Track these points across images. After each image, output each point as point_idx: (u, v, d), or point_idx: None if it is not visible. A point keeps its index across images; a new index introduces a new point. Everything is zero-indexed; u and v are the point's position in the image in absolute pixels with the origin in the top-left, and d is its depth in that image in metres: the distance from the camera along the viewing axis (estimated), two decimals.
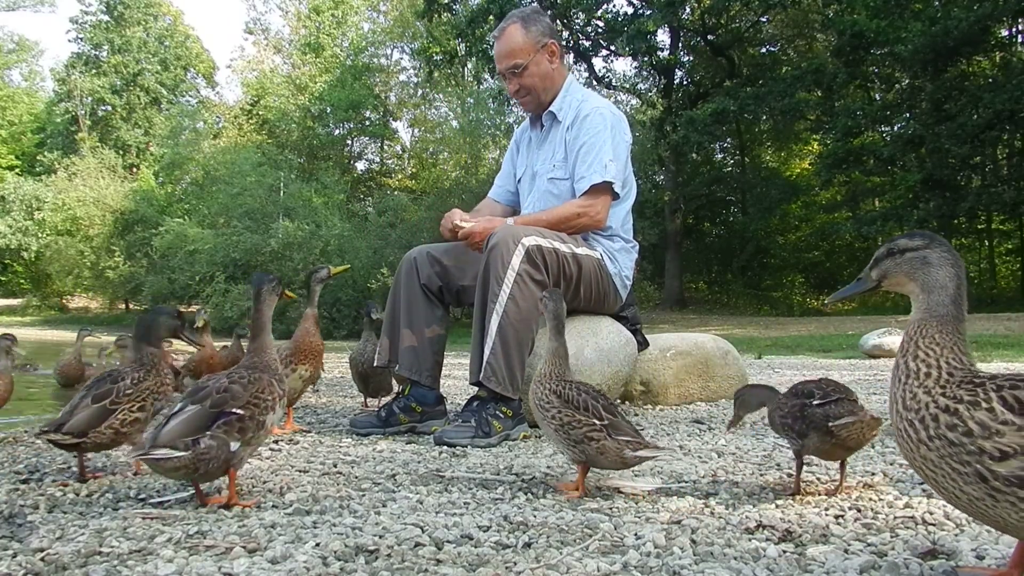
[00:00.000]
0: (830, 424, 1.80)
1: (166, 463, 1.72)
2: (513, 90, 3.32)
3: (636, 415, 3.55)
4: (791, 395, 1.98)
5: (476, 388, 2.96)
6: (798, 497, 1.88)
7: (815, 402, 1.87)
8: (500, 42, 3.26)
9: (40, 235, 35.38)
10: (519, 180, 3.57)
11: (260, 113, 37.94)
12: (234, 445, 1.79)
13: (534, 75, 3.26)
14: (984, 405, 1.13)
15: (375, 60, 39.51)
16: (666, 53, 26.19)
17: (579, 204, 3.15)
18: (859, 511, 1.73)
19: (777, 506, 1.81)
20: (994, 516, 1.14)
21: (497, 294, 2.85)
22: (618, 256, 3.37)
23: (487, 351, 2.86)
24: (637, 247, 3.52)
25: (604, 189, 3.15)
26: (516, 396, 2.93)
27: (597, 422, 1.90)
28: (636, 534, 1.55)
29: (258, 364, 1.97)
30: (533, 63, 3.23)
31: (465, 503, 1.88)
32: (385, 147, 41.31)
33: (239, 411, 1.81)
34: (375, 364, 3.49)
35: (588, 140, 3.17)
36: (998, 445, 1.10)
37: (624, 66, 36.30)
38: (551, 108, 3.34)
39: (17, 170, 43.81)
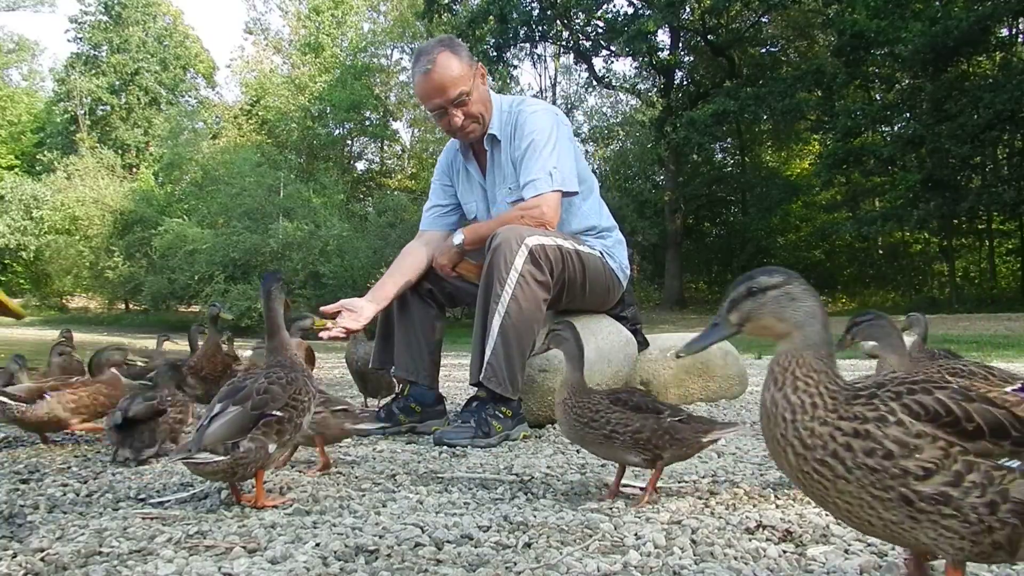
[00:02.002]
0: (703, 439, 1.88)
1: (205, 467, 1.72)
2: (458, 123, 3.07)
3: None
4: (627, 407, 1.87)
5: (476, 388, 2.95)
6: (798, 497, 1.88)
7: (669, 419, 1.86)
8: (435, 74, 2.98)
9: (39, 235, 35.37)
10: (475, 217, 3.42)
11: (260, 113, 37.92)
12: (272, 447, 1.79)
13: (477, 101, 3.08)
14: (892, 419, 1.02)
15: (375, 60, 39.50)
16: (666, 53, 26.22)
17: (520, 207, 3.04)
18: None
19: (777, 506, 1.80)
20: (909, 538, 1.05)
21: (500, 294, 2.83)
22: (614, 251, 3.37)
23: (488, 351, 2.84)
24: (617, 229, 3.46)
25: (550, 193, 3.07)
26: (516, 396, 2.92)
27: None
28: (636, 534, 1.55)
29: (285, 363, 1.95)
30: (473, 89, 3.05)
31: (465, 503, 1.88)
32: (385, 147, 41.30)
33: (279, 413, 1.80)
34: (370, 367, 3.47)
35: (529, 143, 3.07)
36: (920, 463, 1.00)
37: (624, 66, 36.33)
38: (491, 131, 3.19)
39: (16, 170, 43.81)
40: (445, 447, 2.74)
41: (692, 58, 29.16)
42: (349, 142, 40.00)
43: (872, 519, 1.05)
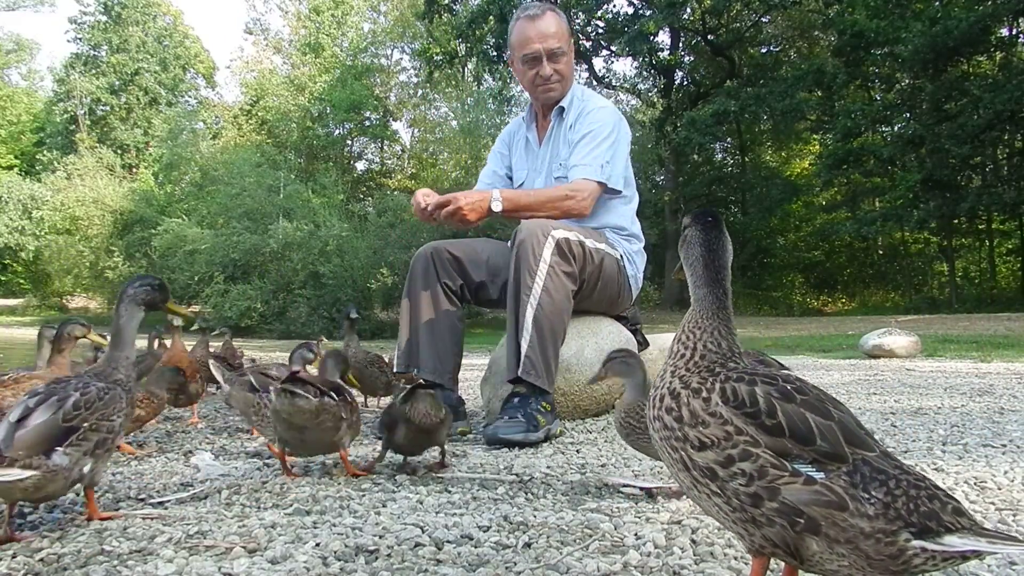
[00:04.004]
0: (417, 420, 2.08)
1: None
2: (547, 74, 3.22)
3: None
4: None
5: (512, 384, 2.89)
6: None
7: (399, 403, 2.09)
8: (541, 21, 3.19)
9: (38, 234, 35.36)
10: (521, 184, 3.48)
11: (260, 113, 37.91)
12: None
13: (569, 65, 3.26)
14: (704, 394, 1.10)
15: (375, 60, 39.50)
16: (666, 53, 26.21)
17: (568, 187, 3.09)
18: None
19: None
20: (703, 507, 1.11)
21: (530, 286, 2.82)
22: (636, 259, 3.37)
23: (524, 345, 2.81)
24: (643, 243, 3.51)
25: (595, 183, 3.14)
26: (551, 390, 2.90)
27: None
28: (636, 534, 1.55)
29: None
30: (570, 53, 3.26)
31: (465, 503, 1.88)
32: (385, 147, 41.30)
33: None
34: (395, 370, 3.34)
35: (590, 131, 3.15)
36: (700, 435, 1.07)
37: (624, 66, 36.37)
38: (561, 103, 3.31)
39: (16, 169, 43.82)
40: (453, 449, 2.73)
41: (692, 58, 29.15)
42: (349, 142, 39.98)
43: (677, 476, 1.13)
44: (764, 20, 27.42)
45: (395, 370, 3.39)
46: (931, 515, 0.98)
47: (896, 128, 23.31)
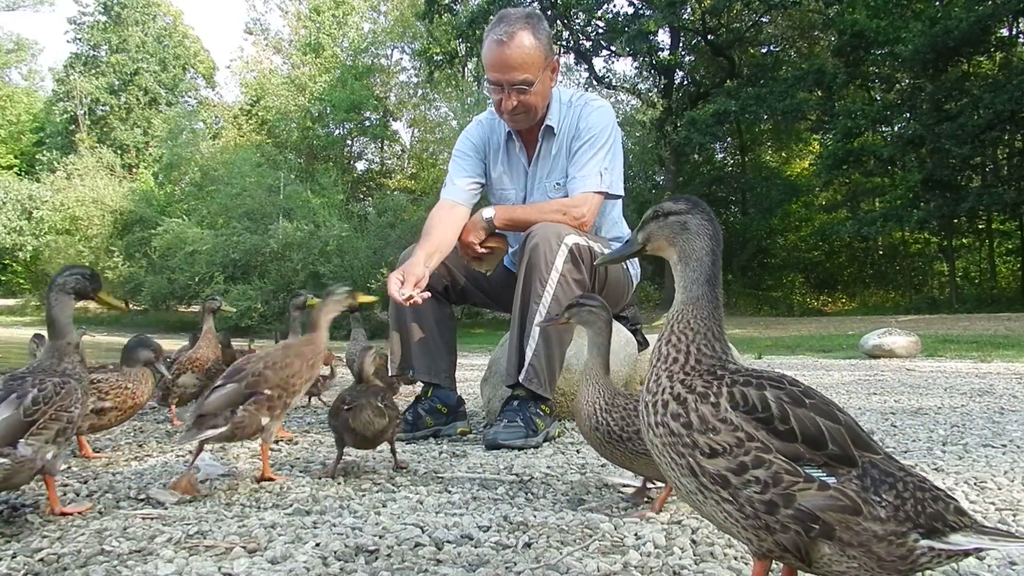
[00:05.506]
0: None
1: (214, 438, 2.01)
2: (510, 106, 2.93)
3: None
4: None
5: (511, 389, 2.88)
6: None
7: (345, 408, 2.15)
8: (507, 49, 2.85)
9: (37, 234, 35.38)
10: (510, 202, 3.30)
11: (260, 113, 37.92)
12: (264, 420, 2.07)
13: (538, 94, 2.94)
14: (712, 399, 1.07)
15: (375, 60, 39.50)
16: (667, 53, 26.23)
17: (563, 203, 2.98)
18: None
19: None
20: (707, 512, 1.11)
21: (540, 294, 2.77)
22: (633, 258, 3.36)
23: (529, 352, 2.79)
24: None
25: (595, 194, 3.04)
26: (552, 397, 2.88)
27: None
28: (636, 534, 1.55)
29: (298, 351, 2.23)
30: (539, 82, 2.90)
31: (465, 503, 1.88)
32: (385, 147, 41.30)
33: (268, 392, 2.09)
34: (389, 373, 3.30)
35: (591, 137, 3.04)
36: (711, 441, 1.05)
37: (624, 66, 36.40)
38: (548, 123, 3.08)
39: (16, 169, 43.84)
40: (445, 448, 2.73)
41: (692, 58, 29.18)
42: (349, 142, 39.96)
43: (678, 482, 1.11)
44: (764, 20, 27.45)
45: (390, 373, 3.38)
46: (937, 515, 1.00)
47: (896, 128, 23.34)
